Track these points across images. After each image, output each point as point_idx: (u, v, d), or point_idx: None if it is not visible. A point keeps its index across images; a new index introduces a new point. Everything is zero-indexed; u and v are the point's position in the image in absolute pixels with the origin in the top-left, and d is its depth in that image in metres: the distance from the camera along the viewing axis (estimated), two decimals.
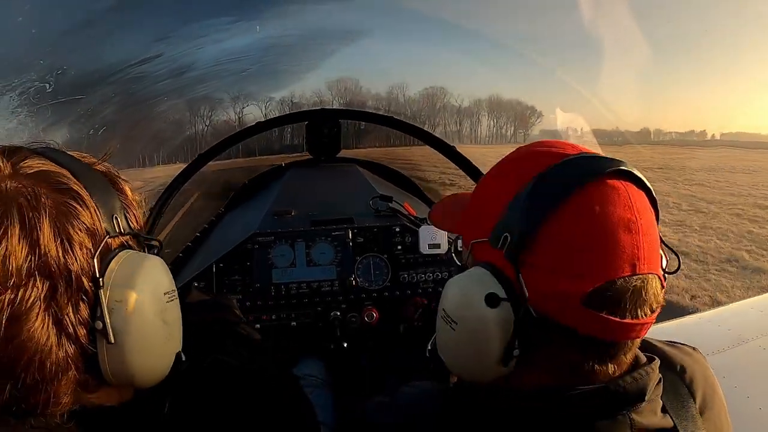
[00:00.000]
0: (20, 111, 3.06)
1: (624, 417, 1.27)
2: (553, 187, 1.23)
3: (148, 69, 3.68)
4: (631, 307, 1.22)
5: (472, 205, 1.47)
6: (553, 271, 1.21)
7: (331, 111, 4.10)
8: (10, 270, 1.05)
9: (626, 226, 1.21)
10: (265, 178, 4.44)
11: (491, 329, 1.27)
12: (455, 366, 1.45)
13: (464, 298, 1.33)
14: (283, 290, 3.07)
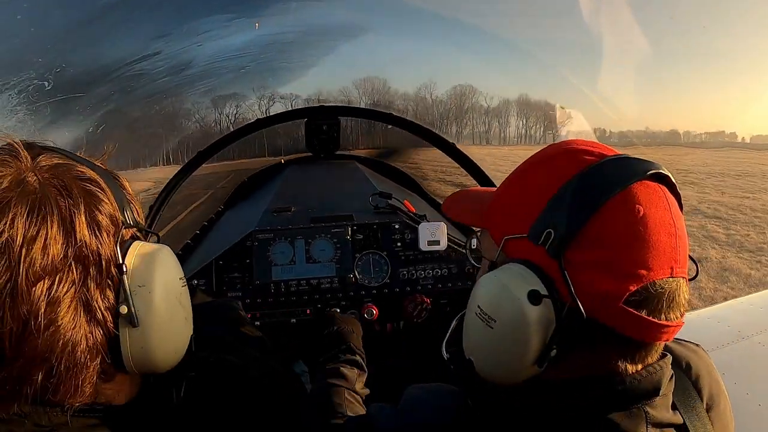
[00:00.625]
0: (19, 109, 3.06)
1: (639, 410, 1.27)
2: (598, 185, 1.23)
3: (146, 66, 3.68)
4: (666, 309, 1.22)
5: (503, 200, 1.45)
6: (597, 270, 1.20)
7: (330, 108, 4.10)
8: (50, 257, 1.09)
9: (667, 228, 1.22)
10: (265, 175, 4.45)
11: (533, 328, 1.24)
12: (488, 366, 1.38)
13: (505, 294, 1.27)
14: (283, 287, 3.07)
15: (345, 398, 2.26)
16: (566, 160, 1.32)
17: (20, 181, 1.12)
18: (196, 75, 4.28)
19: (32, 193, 1.11)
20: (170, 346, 1.32)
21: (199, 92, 4.72)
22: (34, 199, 1.11)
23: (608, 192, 1.20)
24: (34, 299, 1.08)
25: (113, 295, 1.20)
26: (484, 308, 1.32)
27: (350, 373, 2.42)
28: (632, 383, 1.26)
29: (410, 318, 3.15)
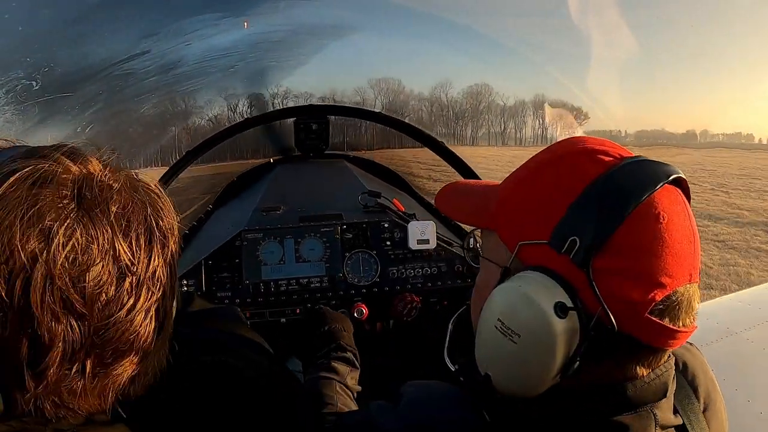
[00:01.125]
0: (7, 109, 3.04)
1: (648, 412, 1.27)
2: (625, 191, 1.19)
3: (135, 66, 3.66)
4: (684, 315, 1.22)
5: (513, 200, 1.39)
6: (623, 279, 1.18)
7: (319, 107, 4.10)
8: (176, 262, 1.20)
9: (687, 236, 1.21)
10: (254, 174, 4.44)
11: (559, 342, 1.20)
12: (507, 381, 1.33)
13: (531, 308, 1.21)
14: (273, 287, 3.08)
15: (336, 391, 2.28)
16: (585, 160, 1.29)
17: (131, 180, 1.18)
18: (185, 74, 4.27)
19: (144, 191, 1.18)
20: (174, 310, 1.35)
21: (188, 91, 4.71)
22: (150, 198, 1.18)
23: (636, 198, 1.18)
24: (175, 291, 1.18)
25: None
26: (506, 322, 1.26)
27: (341, 367, 2.44)
28: (643, 386, 1.26)
29: (400, 317, 3.16)
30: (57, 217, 0.98)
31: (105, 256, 1.01)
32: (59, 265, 0.96)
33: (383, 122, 4.12)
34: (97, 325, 1.02)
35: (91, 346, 1.04)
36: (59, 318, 0.98)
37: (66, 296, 0.98)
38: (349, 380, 2.45)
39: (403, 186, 4.63)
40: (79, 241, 0.99)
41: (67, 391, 1.06)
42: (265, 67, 4.91)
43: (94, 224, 1.01)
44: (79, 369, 1.05)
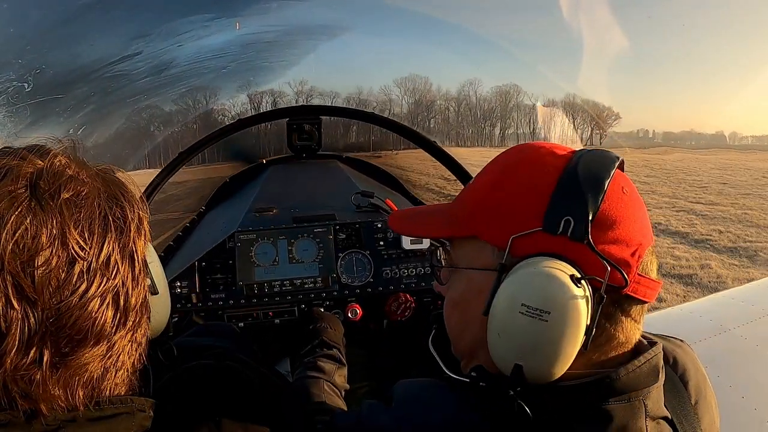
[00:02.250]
0: None
1: (639, 403, 1.32)
2: (595, 172, 1.35)
3: (127, 67, 3.66)
4: (654, 269, 1.39)
5: (488, 204, 1.45)
6: (614, 243, 1.31)
7: (311, 107, 4.09)
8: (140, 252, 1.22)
9: (642, 203, 1.42)
10: (246, 175, 4.44)
11: (583, 309, 1.27)
12: (541, 364, 1.32)
13: (552, 283, 1.26)
14: (266, 288, 3.07)
15: (324, 390, 2.29)
16: (547, 156, 1.43)
17: (104, 174, 1.25)
18: (177, 75, 4.26)
19: (118, 186, 1.24)
20: (168, 310, 1.50)
21: (180, 93, 4.70)
22: (122, 193, 1.24)
23: (606, 177, 1.33)
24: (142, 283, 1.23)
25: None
26: (533, 304, 1.28)
27: (327, 365, 2.45)
28: (634, 371, 1.33)
29: (394, 317, 3.16)
30: (9, 206, 1.02)
31: (54, 242, 1.04)
32: (9, 251, 1.00)
33: (377, 123, 4.11)
34: (49, 311, 1.04)
35: (46, 333, 1.05)
36: (12, 303, 1.01)
37: (17, 281, 1.01)
38: (337, 378, 2.45)
39: (396, 186, 4.64)
40: (28, 227, 1.02)
41: (26, 381, 1.07)
42: (257, 67, 4.91)
43: (44, 211, 1.04)
44: (36, 357, 1.06)
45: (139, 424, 1.26)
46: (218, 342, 1.83)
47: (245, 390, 1.57)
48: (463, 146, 7.56)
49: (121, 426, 1.23)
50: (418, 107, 17.40)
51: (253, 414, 1.52)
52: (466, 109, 24.83)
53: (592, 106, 6.83)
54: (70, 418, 1.16)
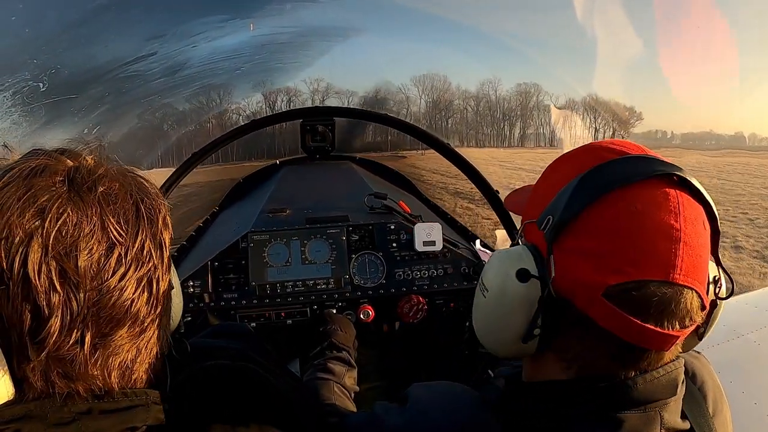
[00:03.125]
0: (14, 110, 3.06)
1: (655, 413, 1.28)
2: (601, 179, 1.25)
3: (141, 68, 3.68)
4: (656, 313, 1.19)
5: (534, 191, 1.51)
6: (583, 258, 1.23)
7: (325, 109, 4.09)
8: (167, 243, 1.26)
9: (667, 231, 1.19)
10: (260, 176, 4.44)
11: (517, 303, 1.32)
12: (480, 331, 1.49)
13: (499, 269, 1.38)
14: (279, 289, 3.06)
15: (334, 392, 2.29)
16: (587, 155, 1.37)
17: (130, 173, 1.27)
18: (191, 76, 4.28)
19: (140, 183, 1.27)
20: (181, 306, 1.54)
21: (194, 93, 4.72)
22: (146, 190, 1.26)
23: (608, 186, 1.23)
24: (168, 273, 1.27)
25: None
26: (483, 279, 1.44)
27: (337, 368, 2.45)
28: (652, 381, 1.27)
29: (406, 318, 3.15)
30: (50, 198, 1.07)
31: (94, 229, 1.09)
32: (53, 238, 1.04)
33: (389, 124, 4.10)
34: (91, 293, 1.08)
35: (87, 315, 1.09)
36: (56, 287, 1.05)
37: (61, 266, 1.05)
38: (347, 380, 2.45)
39: (409, 188, 4.63)
40: (70, 216, 1.07)
41: (68, 361, 1.11)
42: (271, 68, 4.92)
43: (83, 202, 1.10)
44: (78, 338, 1.10)
45: (154, 417, 1.27)
46: (234, 343, 1.83)
47: (260, 391, 1.57)
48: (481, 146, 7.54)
49: (136, 418, 1.24)
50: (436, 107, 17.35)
51: (266, 415, 1.53)
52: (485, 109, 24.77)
53: (613, 105, 6.80)
54: (85, 410, 1.18)
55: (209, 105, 5.02)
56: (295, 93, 5.21)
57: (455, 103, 13.52)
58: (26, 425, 1.13)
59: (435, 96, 14.62)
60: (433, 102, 15.90)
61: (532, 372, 1.45)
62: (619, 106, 6.95)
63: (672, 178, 1.25)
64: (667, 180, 1.24)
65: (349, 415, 1.98)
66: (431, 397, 1.59)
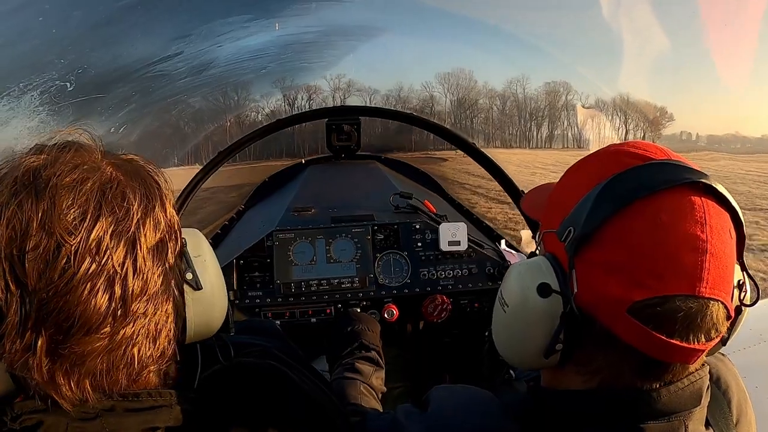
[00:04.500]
0: (41, 110, 3.08)
1: (680, 422, 1.25)
2: (623, 188, 1.20)
3: (167, 67, 3.69)
4: (681, 328, 1.15)
5: (553, 196, 1.47)
6: (606, 272, 1.19)
7: (350, 108, 4.09)
8: (163, 232, 1.22)
9: (693, 242, 1.15)
10: (285, 175, 4.45)
11: (538, 318, 1.29)
12: (501, 345, 1.47)
13: (519, 283, 1.34)
14: (303, 287, 3.07)
15: (360, 391, 2.29)
16: (607, 161, 1.32)
17: (123, 164, 1.25)
18: (217, 75, 4.29)
19: (137, 175, 1.24)
20: (221, 307, 1.46)
21: (219, 93, 4.73)
22: (141, 182, 1.22)
23: (631, 196, 1.18)
24: (148, 273, 1.18)
25: (182, 263, 1.33)
26: (503, 292, 1.41)
27: (365, 367, 2.45)
28: (677, 392, 1.24)
29: (430, 318, 3.14)
30: (9, 197, 1.07)
31: (42, 227, 1.06)
32: (6, 238, 1.05)
33: (415, 124, 4.09)
34: (38, 293, 1.06)
35: (38, 318, 1.07)
36: (10, 288, 1.05)
37: (12, 266, 1.05)
38: (374, 380, 2.45)
39: (434, 187, 4.62)
40: (21, 216, 1.06)
41: (22, 365, 1.10)
42: (296, 68, 4.93)
43: (37, 199, 1.07)
44: (30, 343, 1.08)
45: (176, 417, 1.28)
46: (260, 340, 1.83)
47: (286, 389, 1.57)
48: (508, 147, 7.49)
49: (159, 418, 1.25)
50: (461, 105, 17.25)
51: (293, 413, 1.53)
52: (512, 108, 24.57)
53: (644, 106, 6.72)
54: (109, 407, 1.19)
55: (234, 104, 5.03)
56: (315, 90, 5.20)
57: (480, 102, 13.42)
58: (49, 417, 1.14)
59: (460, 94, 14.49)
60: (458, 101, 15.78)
61: (552, 380, 1.43)
62: (649, 106, 6.86)
63: (698, 185, 1.19)
64: (693, 188, 1.19)
65: (371, 419, 1.97)
66: (452, 403, 1.58)
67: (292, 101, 4.88)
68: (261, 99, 5.15)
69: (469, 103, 7.85)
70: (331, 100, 4.48)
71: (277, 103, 5.25)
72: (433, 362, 3.53)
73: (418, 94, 5.34)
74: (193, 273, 1.35)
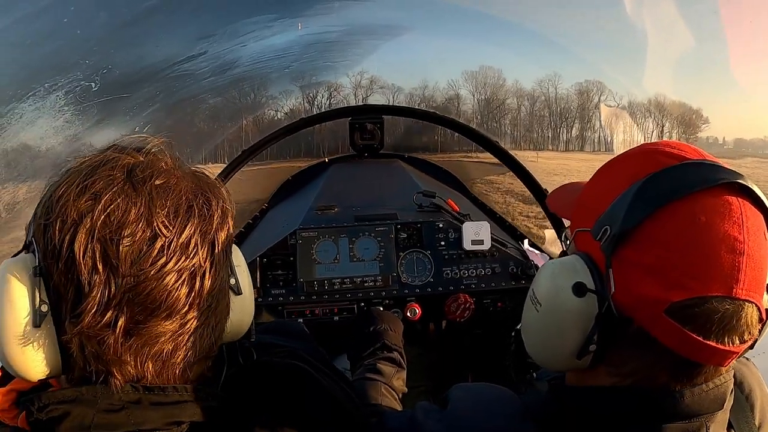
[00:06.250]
0: (67, 109, 3.11)
1: (702, 424, 1.23)
2: (661, 188, 1.18)
3: (191, 67, 3.72)
4: (717, 330, 1.14)
5: (585, 194, 1.44)
6: (644, 272, 1.17)
7: (373, 107, 4.08)
8: (229, 238, 1.31)
9: (730, 243, 1.13)
10: (309, 173, 4.45)
11: (572, 318, 1.25)
12: (531, 346, 1.43)
13: (553, 282, 1.31)
14: (327, 285, 3.07)
15: (381, 392, 2.27)
16: (643, 160, 1.29)
17: (202, 176, 1.33)
18: (241, 75, 4.31)
19: (214, 187, 1.32)
20: (250, 313, 1.50)
21: (242, 92, 4.76)
22: (218, 193, 1.31)
23: (670, 196, 1.16)
24: (218, 272, 1.27)
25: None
26: (535, 291, 1.36)
27: (386, 368, 2.43)
28: (701, 394, 1.22)
29: (453, 317, 3.13)
30: (106, 186, 1.14)
31: (140, 218, 1.13)
32: (101, 222, 1.11)
33: (439, 123, 4.07)
34: (128, 278, 1.12)
35: (123, 300, 1.13)
36: (98, 268, 1.11)
37: (104, 249, 1.11)
38: (395, 381, 2.43)
39: (458, 186, 4.60)
40: (119, 204, 1.13)
41: (99, 342, 1.15)
42: (320, 67, 4.94)
43: (135, 192, 1.15)
44: (111, 321, 1.13)
45: (201, 414, 1.29)
46: (285, 340, 1.84)
47: (310, 389, 1.57)
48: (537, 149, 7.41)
49: (185, 412, 1.27)
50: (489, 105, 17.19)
51: (315, 413, 1.53)
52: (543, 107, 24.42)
53: (678, 108, 6.68)
54: (135, 399, 1.21)
55: (257, 103, 5.06)
56: (337, 88, 5.21)
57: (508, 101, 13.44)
58: (76, 408, 1.17)
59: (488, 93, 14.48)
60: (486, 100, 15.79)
61: (579, 382, 1.39)
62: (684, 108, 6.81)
63: (734, 186, 1.18)
64: (730, 188, 1.17)
65: (388, 415, 1.96)
66: (472, 403, 1.56)
67: (312, 99, 4.89)
68: (284, 98, 5.17)
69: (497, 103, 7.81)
70: (353, 97, 4.48)
71: (297, 102, 5.27)
72: (455, 362, 3.52)
73: (443, 92, 5.33)
74: (236, 279, 1.40)
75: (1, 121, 3.18)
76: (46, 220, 1.15)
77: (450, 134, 4.24)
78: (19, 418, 1.23)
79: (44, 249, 1.15)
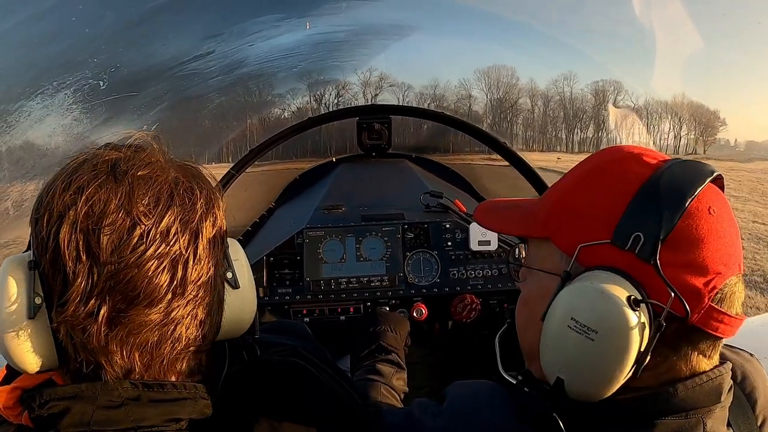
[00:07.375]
0: (75, 108, 3.12)
1: (698, 420, 1.23)
2: (679, 186, 1.21)
3: (199, 66, 3.72)
4: (738, 304, 1.23)
5: (566, 206, 1.37)
6: (687, 269, 1.18)
7: (381, 107, 4.08)
8: (218, 229, 1.32)
9: (733, 227, 1.25)
10: (316, 173, 4.45)
11: (635, 335, 1.16)
12: (581, 383, 1.26)
13: (606, 303, 1.18)
14: (333, 285, 3.07)
15: (381, 392, 2.28)
16: (632, 163, 1.30)
17: (187, 167, 1.35)
18: (248, 74, 4.32)
19: (200, 177, 1.35)
20: (251, 310, 1.51)
21: (250, 91, 4.76)
22: (204, 183, 1.34)
23: (690, 194, 1.20)
24: (204, 262, 1.27)
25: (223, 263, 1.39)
26: (582, 320, 1.21)
27: (386, 369, 2.44)
28: (695, 387, 1.22)
29: (459, 318, 3.13)
30: (89, 180, 1.18)
31: (120, 208, 1.16)
32: (83, 213, 1.14)
33: (447, 123, 4.06)
34: (109, 266, 1.15)
35: (105, 288, 1.16)
36: (81, 258, 1.15)
37: (87, 239, 1.15)
38: (395, 381, 2.43)
39: (465, 187, 4.59)
40: (101, 196, 1.16)
41: (83, 331, 1.17)
42: (328, 66, 4.94)
43: (117, 184, 1.18)
44: (94, 310, 1.16)
45: (200, 411, 1.30)
46: (288, 339, 1.84)
47: (310, 387, 1.57)
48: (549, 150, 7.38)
49: (183, 410, 1.27)
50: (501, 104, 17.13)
51: (316, 411, 1.53)
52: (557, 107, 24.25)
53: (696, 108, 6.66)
54: (134, 396, 1.22)
55: (266, 102, 5.05)
56: (345, 86, 5.20)
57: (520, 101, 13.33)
58: (76, 404, 1.19)
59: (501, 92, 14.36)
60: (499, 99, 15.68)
61: None
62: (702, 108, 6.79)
63: (718, 177, 1.29)
64: (715, 180, 1.28)
65: (386, 414, 1.95)
66: (469, 399, 1.56)
67: (319, 98, 4.89)
68: (291, 97, 5.17)
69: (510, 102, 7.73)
70: (362, 95, 4.47)
71: (304, 101, 5.27)
72: (461, 362, 3.51)
73: (455, 91, 5.33)
74: (233, 273, 1.42)
75: (10, 119, 3.20)
76: (36, 215, 1.19)
77: (462, 135, 4.23)
78: (23, 415, 1.24)
79: (36, 243, 1.20)
